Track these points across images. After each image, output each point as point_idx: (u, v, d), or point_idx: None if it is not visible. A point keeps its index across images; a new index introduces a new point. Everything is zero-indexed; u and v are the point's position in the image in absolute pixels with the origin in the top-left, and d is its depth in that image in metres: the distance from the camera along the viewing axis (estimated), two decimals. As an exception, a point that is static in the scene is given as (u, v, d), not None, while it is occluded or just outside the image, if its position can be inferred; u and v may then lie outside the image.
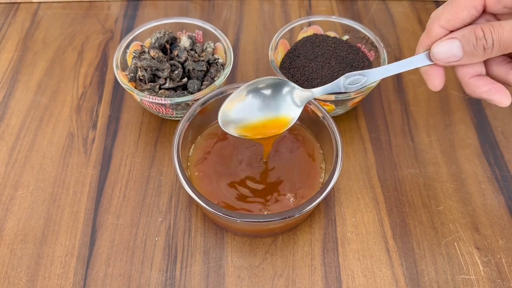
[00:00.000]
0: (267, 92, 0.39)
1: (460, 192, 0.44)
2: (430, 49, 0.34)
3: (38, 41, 0.57)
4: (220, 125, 0.38)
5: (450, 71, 0.54)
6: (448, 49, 0.33)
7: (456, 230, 0.41)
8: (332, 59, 0.48)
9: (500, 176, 0.45)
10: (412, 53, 0.56)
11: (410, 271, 0.39)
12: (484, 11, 0.33)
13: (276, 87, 0.39)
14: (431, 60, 0.34)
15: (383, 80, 0.53)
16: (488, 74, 0.34)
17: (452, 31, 0.33)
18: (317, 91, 0.38)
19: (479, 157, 0.46)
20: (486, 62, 0.34)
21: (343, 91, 0.38)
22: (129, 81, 0.46)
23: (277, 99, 0.39)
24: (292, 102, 0.39)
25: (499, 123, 0.49)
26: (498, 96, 0.33)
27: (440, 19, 0.33)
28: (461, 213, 0.42)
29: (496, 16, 0.33)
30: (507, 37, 0.30)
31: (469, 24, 0.33)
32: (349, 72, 0.47)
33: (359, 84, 0.37)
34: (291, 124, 0.39)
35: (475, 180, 0.45)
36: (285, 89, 0.39)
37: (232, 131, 0.38)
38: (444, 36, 0.33)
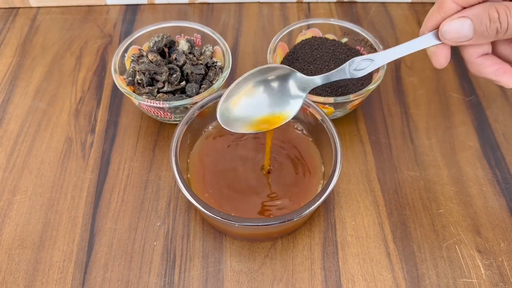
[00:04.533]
0: (269, 83, 0.37)
1: (461, 195, 0.43)
2: (438, 26, 0.32)
3: (36, 46, 0.57)
4: (221, 123, 0.36)
5: (447, 72, 0.54)
6: (459, 29, 0.30)
7: (457, 233, 0.41)
8: (331, 62, 0.48)
9: (501, 178, 0.45)
10: (413, 57, 0.55)
11: (411, 275, 0.38)
12: None
13: (278, 76, 0.37)
14: (439, 39, 0.32)
15: (382, 82, 0.53)
16: (494, 52, 0.33)
17: (464, 8, 0.31)
18: (321, 78, 0.36)
19: (480, 159, 0.46)
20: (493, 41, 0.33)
21: (349, 77, 0.35)
22: (127, 85, 0.46)
23: (280, 89, 0.37)
24: (296, 89, 0.37)
25: (500, 125, 0.49)
26: (506, 77, 0.31)
27: None
28: (462, 216, 0.42)
29: None
30: None
31: (484, 1, 0.30)
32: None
33: (366, 69, 0.35)
34: (295, 113, 0.37)
35: (476, 183, 0.44)
36: (287, 77, 0.37)
37: (235, 129, 0.37)
38: (456, 13, 0.31)
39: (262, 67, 0.36)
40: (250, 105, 0.37)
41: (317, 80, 0.37)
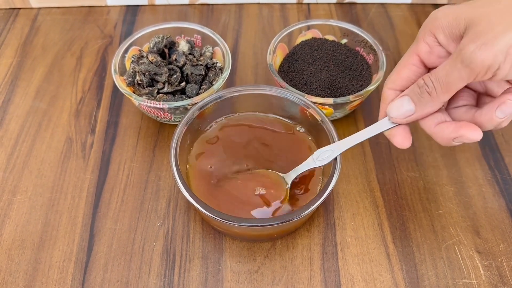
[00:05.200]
0: None
1: (461, 196, 0.43)
2: None
3: (37, 47, 0.57)
4: None
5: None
6: (400, 106, 0.33)
7: (456, 233, 0.41)
8: (330, 63, 0.48)
9: (501, 179, 0.45)
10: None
11: (410, 275, 0.38)
12: (428, 67, 0.34)
13: None
14: (393, 123, 0.35)
15: (382, 83, 0.53)
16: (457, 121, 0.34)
17: (402, 91, 0.34)
18: (293, 172, 0.40)
19: (479, 160, 0.46)
20: (450, 113, 0.34)
21: (315, 166, 0.39)
22: (128, 85, 0.46)
23: None
24: None
25: (499, 126, 0.49)
26: (464, 130, 0.31)
27: (388, 83, 0.35)
28: (462, 217, 0.42)
29: None
30: (442, 75, 0.30)
31: (417, 79, 0.33)
32: (347, 75, 0.47)
33: (328, 157, 0.38)
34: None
35: (476, 183, 0.44)
36: None
37: None
38: (396, 97, 0.34)
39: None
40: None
41: (292, 174, 0.40)
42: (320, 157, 0.38)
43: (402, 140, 0.35)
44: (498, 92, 0.33)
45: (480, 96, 0.35)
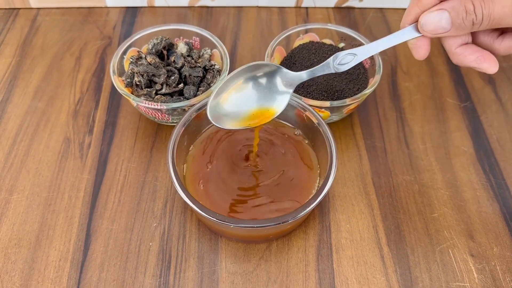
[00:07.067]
0: (257, 79, 0.38)
1: (455, 199, 0.44)
2: (418, 19, 0.33)
3: (36, 47, 0.57)
4: (211, 119, 0.37)
5: (443, 78, 0.54)
6: (437, 21, 0.32)
7: (450, 237, 0.41)
8: (328, 66, 0.48)
9: (495, 183, 0.45)
10: (409, 62, 0.56)
11: (404, 278, 0.39)
12: None
13: (265, 73, 0.38)
14: (419, 32, 0.33)
15: (378, 87, 0.53)
16: (474, 42, 0.34)
17: (442, 1, 0.32)
18: (307, 73, 0.38)
19: (474, 165, 0.46)
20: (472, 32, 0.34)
21: (333, 71, 0.37)
22: (126, 86, 0.47)
23: (268, 86, 0.38)
24: (283, 85, 0.38)
25: (494, 130, 0.49)
26: (487, 64, 0.32)
27: None
28: (456, 220, 0.42)
29: None
30: (497, 14, 0.29)
31: None
32: (344, 79, 0.48)
33: (349, 63, 0.36)
34: (283, 108, 0.39)
35: (470, 188, 0.45)
36: (274, 73, 0.38)
37: (225, 125, 0.38)
38: (434, 6, 0.32)
39: (250, 64, 0.37)
40: (239, 101, 0.38)
41: (303, 75, 0.38)
42: (341, 62, 0.36)
43: (424, 52, 0.34)
44: None
45: None
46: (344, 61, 0.36)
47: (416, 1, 0.33)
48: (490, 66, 0.32)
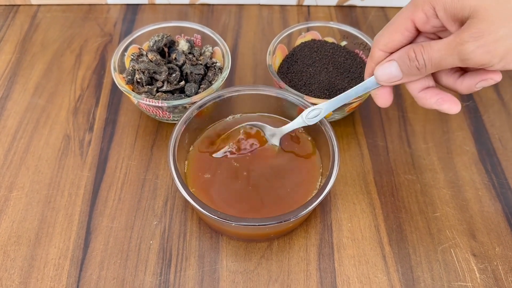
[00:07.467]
0: None
1: (457, 199, 0.44)
2: None
3: (36, 44, 0.57)
4: None
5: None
6: (388, 71, 0.34)
7: (452, 236, 0.41)
8: (329, 65, 0.48)
9: (497, 183, 0.45)
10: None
11: (406, 277, 0.39)
12: (420, 32, 0.34)
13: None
14: (378, 83, 0.36)
15: (380, 86, 0.53)
16: (438, 83, 0.35)
17: (392, 53, 0.34)
18: (286, 127, 0.42)
19: (476, 164, 0.46)
20: (434, 73, 0.35)
21: (305, 125, 0.41)
22: (127, 83, 0.46)
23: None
24: (269, 136, 0.43)
25: (496, 130, 0.49)
26: (447, 105, 0.34)
27: (379, 43, 0.35)
28: (458, 220, 0.42)
29: (436, 34, 0.34)
30: (436, 57, 0.31)
31: (408, 43, 0.34)
32: (346, 77, 0.47)
33: (317, 117, 0.40)
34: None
35: (472, 187, 0.45)
36: (262, 128, 0.43)
37: None
38: (385, 59, 0.35)
39: (236, 127, 0.44)
40: None
41: (284, 129, 0.42)
42: (308, 116, 0.40)
43: (384, 101, 0.37)
44: None
45: None
46: (311, 115, 0.40)
47: (370, 57, 0.36)
48: (451, 107, 0.34)
